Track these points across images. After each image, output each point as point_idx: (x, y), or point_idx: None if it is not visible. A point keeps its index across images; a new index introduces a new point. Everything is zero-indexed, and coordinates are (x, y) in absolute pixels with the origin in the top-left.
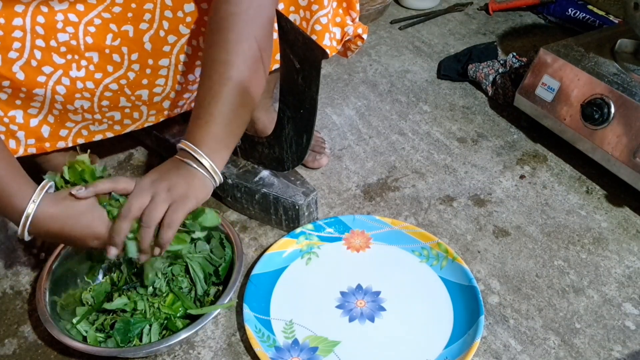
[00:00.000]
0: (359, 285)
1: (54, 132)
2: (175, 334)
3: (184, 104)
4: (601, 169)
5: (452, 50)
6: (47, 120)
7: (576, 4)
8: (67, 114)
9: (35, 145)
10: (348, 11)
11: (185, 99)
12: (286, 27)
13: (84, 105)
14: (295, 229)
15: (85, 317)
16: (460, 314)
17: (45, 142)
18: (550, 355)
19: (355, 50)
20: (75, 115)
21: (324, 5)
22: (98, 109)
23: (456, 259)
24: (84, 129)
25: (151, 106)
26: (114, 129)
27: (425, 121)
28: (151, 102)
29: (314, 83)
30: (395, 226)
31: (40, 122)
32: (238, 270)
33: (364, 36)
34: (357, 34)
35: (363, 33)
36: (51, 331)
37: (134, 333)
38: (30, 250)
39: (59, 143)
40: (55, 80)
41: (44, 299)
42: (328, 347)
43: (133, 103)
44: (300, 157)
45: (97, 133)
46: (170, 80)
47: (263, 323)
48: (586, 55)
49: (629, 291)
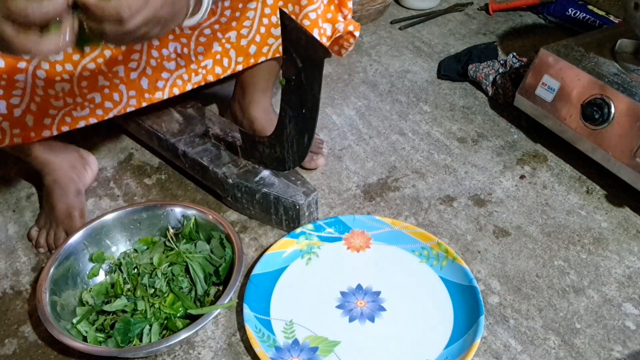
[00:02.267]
0: (359, 285)
1: (37, 121)
2: (175, 334)
3: (164, 86)
4: (601, 169)
5: (452, 50)
6: (30, 109)
7: (576, 4)
8: (48, 100)
9: (21, 135)
10: (340, 8)
11: (164, 79)
12: (289, 26)
13: (64, 88)
14: (296, 229)
15: (86, 317)
16: (460, 314)
17: (30, 131)
18: (551, 355)
19: (349, 48)
20: (57, 101)
21: (314, 1)
22: (78, 90)
23: (456, 259)
24: (66, 115)
25: (129, 85)
26: (96, 114)
27: (426, 121)
28: (128, 79)
29: (316, 82)
30: (395, 226)
31: (24, 112)
32: (238, 270)
33: (355, 33)
34: (348, 31)
35: (355, 30)
36: (51, 331)
37: (134, 333)
38: (31, 250)
39: (44, 132)
40: (35, 65)
41: (44, 299)
42: (328, 347)
43: (111, 81)
44: (301, 157)
45: (81, 119)
46: (144, 54)
47: (263, 323)
48: (586, 55)
49: (629, 291)
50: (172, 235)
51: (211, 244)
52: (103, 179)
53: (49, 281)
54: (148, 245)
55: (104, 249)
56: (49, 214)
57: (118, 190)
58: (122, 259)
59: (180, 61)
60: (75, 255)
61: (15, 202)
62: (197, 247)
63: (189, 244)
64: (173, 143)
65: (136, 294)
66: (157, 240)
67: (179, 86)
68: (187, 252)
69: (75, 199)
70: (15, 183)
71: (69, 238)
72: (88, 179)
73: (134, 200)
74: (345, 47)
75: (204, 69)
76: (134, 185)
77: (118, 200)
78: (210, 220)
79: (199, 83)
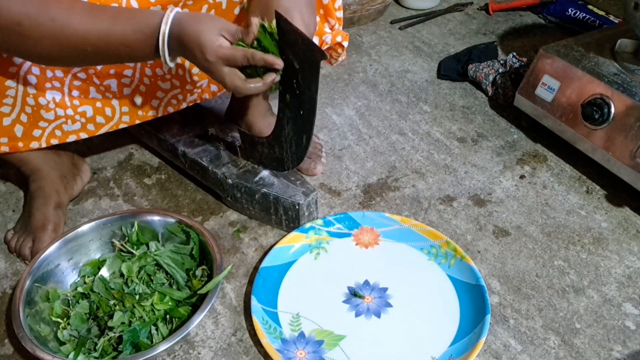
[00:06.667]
0: (367, 281)
1: (27, 132)
2: (198, 311)
3: (158, 105)
4: (601, 169)
5: (452, 50)
6: (20, 119)
7: (576, 4)
8: (39, 112)
9: (8, 144)
10: (326, 18)
11: (158, 98)
12: (285, 28)
13: (55, 98)
14: (305, 224)
15: (80, 350)
16: (466, 313)
17: (19, 141)
18: (550, 355)
19: (338, 58)
20: (48, 113)
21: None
22: (69, 101)
23: (464, 258)
24: (57, 129)
25: (122, 101)
26: (87, 129)
27: (425, 121)
28: (121, 95)
29: (313, 84)
30: (404, 224)
31: (14, 122)
32: (211, 243)
33: (344, 44)
34: (336, 42)
35: (343, 41)
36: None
37: (144, 337)
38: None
39: (33, 143)
40: (26, 70)
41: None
42: (334, 341)
43: (103, 95)
44: (300, 157)
45: (71, 133)
46: (137, 72)
47: (270, 315)
48: (586, 55)
49: (629, 291)
50: (123, 244)
51: (165, 237)
52: (103, 179)
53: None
54: (97, 265)
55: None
56: (25, 220)
57: (118, 190)
58: (80, 286)
59: (175, 82)
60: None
61: (15, 202)
62: (153, 247)
63: (142, 248)
64: (172, 143)
65: (126, 304)
66: (107, 257)
67: (173, 105)
68: (152, 253)
69: (53, 212)
70: (15, 183)
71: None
72: (76, 190)
73: (134, 200)
74: (334, 58)
75: (200, 88)
76: (134, 185)
77: (118, 200)
78: (155, 220)
79: (195, 101)
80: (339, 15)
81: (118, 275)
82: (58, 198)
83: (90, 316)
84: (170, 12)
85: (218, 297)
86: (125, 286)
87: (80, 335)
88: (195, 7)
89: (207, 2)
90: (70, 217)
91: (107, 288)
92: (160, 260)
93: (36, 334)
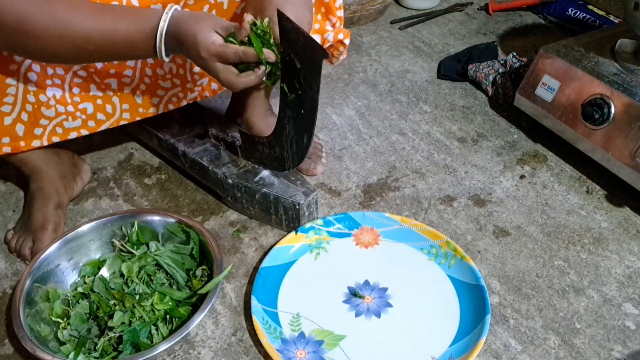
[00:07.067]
0: (367, 281)
1: (28, 131)
2: (199, 310)
3: (159, 102)
4: (601, 169)
5: (452, 50)
6: (20, 118)
7: (576, 4)
8: (40, 109)
9: (10, 145)
10: (327, 16)
11: (159, 96)
12: (287, 27)
13: (55, 95)
14: (305, 224)
15: (80, 350)
16: (466, 313)
17: (20, 140)
18: (550, 355)
19: (340, 57)
20: (48, 110)
21: None
22: (70, 98)
23: (464, 258)
24: (58, 126)
25: (123, 98)
26: (88, 126)
27: (426, 121)
28: (122, 93)
29: (314, 83)
30: (404, 224)
31: (14, 121)
32: (211, 242)
33: (345, 41)
34: (338, 40)
35: (344, 38)
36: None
37: (144, 337)
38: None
39: (34, 142)
40: (26, 68)
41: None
42: (334, 341)
43: (104, 92)
44: (300, 157)
45: (72, 130)
46: (137, 71)
47: (270, 315)
48: (586, 55)
49: (629, 291)
50: (123, 244)
51: (165, 237)
52: (103, 179)
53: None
54: (97, 265)
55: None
56: (25, 220)
57: (118, 190)
58: (80, 286)
59: (176, 80)
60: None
61: (15, 202)
62: (153, 247)
63: (142, 248)
64: (173, 143)
65: (126, 304)
66: (107, 257)
67: (174, 102)
68: (152, 253)
69: (53, 212)
70: (15, 183)
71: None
72: (76, 191)
73: (134, 200)
74: (335, 56)
75: (200, 86)
76: (134, 185)
77: (118, 200)
78: (155, 220)
79: (196, 99)
80: (340, 15)
81: (118, 275)
82: (58, 198)
83: (90, 316)
84: (168, 11)
85: (218, 297)
86: (125, 286)
87: (81, 335)
88: (196, 7)
89: (208, 2)
90: (70, 217)
91: (107, 288)
92: (160, 260)
93: (36, 334)
